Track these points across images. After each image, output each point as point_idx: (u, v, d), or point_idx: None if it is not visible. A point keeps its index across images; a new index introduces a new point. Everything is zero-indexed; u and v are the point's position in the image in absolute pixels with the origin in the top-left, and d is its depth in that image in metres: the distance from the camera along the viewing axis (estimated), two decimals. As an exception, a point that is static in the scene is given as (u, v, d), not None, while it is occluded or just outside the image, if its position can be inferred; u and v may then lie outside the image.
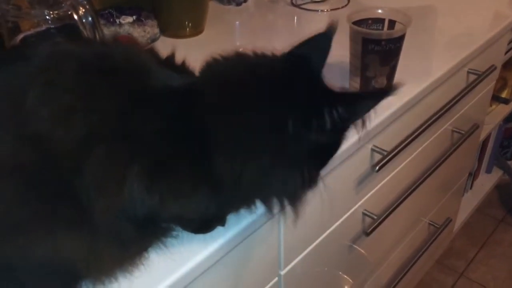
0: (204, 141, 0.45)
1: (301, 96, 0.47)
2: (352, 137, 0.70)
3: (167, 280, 0.51)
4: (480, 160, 1.70)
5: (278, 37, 1.02)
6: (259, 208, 0.52)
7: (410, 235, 1.20)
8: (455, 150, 1.05)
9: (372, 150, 0.80)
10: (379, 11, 0.75)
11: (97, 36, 0.55)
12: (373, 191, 0.88)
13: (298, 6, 1.15)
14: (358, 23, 0.75)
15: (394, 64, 0.74)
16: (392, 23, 0.76)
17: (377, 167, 0.76)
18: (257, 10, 1.16)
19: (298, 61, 0.50)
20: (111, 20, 0.92)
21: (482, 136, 1.42)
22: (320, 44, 0.52)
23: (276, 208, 0.49)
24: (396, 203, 0.91)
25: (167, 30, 1.00)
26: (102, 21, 0.93)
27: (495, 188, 1.82)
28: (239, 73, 0.48)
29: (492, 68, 1.02)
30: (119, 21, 0.92)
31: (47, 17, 0.60)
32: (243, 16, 1.14)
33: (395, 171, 0.92)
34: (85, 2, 0.55)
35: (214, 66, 0.49)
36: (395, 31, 0.73)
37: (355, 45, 0.73)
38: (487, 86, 1.18)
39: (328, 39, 0.52)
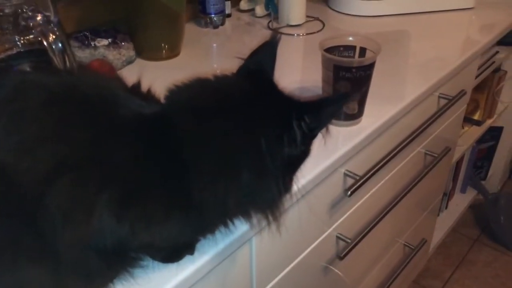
0: (180, 167, 0.45)
1: (269, 112, 0.49)
2: (324, 162, 0.72)
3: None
4: (454, 180, 1.73)
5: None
6: (236, 226, 0.53)
7: (386, 256, 1.20)
8: (427, 172, 1.06)
9: (345, 174, 0.81)
10: (350, 38, 0.76)
11: (67, 62, 0.55)
12: (346, 214, 0.88)
13: (274, 30, 1.16)
14: (330, 49, 0.77)
15: (365, 90, 0.75)
16: (363, 50, 0.77)
17: (349, 192, 0.77)
18: (234, 33, 1.18)
19: (255, 75, 0.51)
20: (86, 42, 0.92)
21: (455, 157, 1.44)
22: (268, 53, 0.54)
23: (258, 221, 0.51)
24: (370, 226, 0.92)
25: (143, 52, 1.00)
26: (76, 44, 0.92)
27: (469, 208, 1.85)
28: (205, 98, 0.48)
29: (462, 93, 1.04)
30: (94, 44, 0.92)
31: (18, 42, 0.60)
32: (220, 39, 1.15)
33: (369, 194, 0.93)
34: (55, 29, 0.55)
35: (178, 93, 0.49)
36: (365, 58, 0.74)
37: (327, 71, 0.74)
38: (458, 110, 1.21)
39: (274, 47, 0.54)
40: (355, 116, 0.78)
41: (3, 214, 0.40)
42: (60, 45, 0.54)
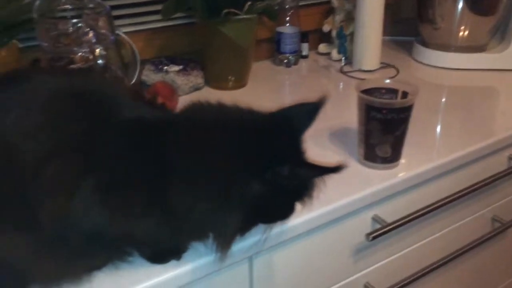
0: (163, 172, 0.50)
1: (260, 152, 0.51)
2: (344, 199, 0.70)
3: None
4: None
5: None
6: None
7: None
8: (488, 239, 0.97)
9: (373, 219, 0.78)
10: (387, 81, 0.75)
11: (107, 76, 0.64)
12: (380, 263, 0.84)
13: (345, 73, 1.17)
14: (371, 91, 0.76)
15: (399, 135, 0.73)
16: (405, 94, 0.75)
17: (371, 237, 0.73)
18: (305, 72, 1.22)
19: (283, 122, 0.54)
20: (160, 67, 1.03)
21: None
22: (307, 110, 0.56)
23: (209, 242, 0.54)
24: (404, 283, 0.86)
25: (211, 81, 1.08)
26: (152, 68, 1.04)
27: None
28: (212, 121, 0.53)
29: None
30: (166, 69, 1.03)
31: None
32: (290, 77, 1.19)
33: (411, 248, 0.88)
34: (102, 48, 0.64)
35: (194, 109, 0.55)
36: (395, 101, 0.73)
37: (360, 111, 0.74)
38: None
39: (316, 108, 0.56)
40: (389, 159, 0.75)
41: (1, 184, 0.47)
42: (100, 61, 0.63)
